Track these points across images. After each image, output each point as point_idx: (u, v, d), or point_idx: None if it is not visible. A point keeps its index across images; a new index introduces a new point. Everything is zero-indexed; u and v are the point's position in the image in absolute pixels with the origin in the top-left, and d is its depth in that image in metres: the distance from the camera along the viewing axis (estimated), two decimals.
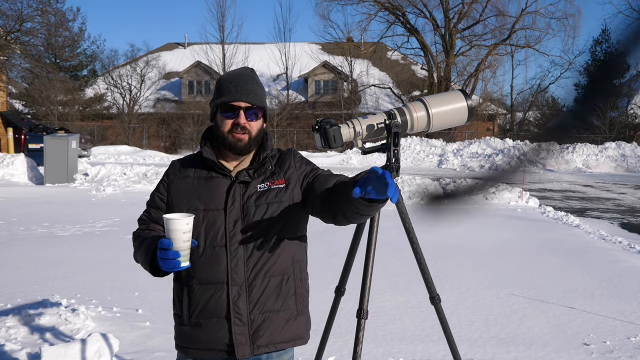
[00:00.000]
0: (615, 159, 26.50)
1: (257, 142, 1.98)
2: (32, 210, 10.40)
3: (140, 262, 1.96)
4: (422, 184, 13.33)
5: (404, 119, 2.51)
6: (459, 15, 36.91)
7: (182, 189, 1.99)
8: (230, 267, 1.89)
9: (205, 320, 1.91)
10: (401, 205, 2.57)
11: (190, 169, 2.01)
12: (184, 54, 43.11)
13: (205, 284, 1.91)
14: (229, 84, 1.96)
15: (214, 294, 1.90)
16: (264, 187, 1.96)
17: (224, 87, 1.97)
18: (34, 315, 4.42)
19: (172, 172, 2.04)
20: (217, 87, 2.00)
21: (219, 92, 1.98)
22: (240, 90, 1.95)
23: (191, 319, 1.93)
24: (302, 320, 2.00)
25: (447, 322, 2.68)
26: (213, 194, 1.94)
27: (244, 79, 1.98)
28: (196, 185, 1.97)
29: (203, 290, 1.91)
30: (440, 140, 29.65)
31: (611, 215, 12.21)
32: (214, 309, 1.90)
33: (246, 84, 1.96)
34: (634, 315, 5.01)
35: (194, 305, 1.92)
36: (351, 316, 2.57)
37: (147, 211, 2.07)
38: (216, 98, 1.97)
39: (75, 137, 15.11)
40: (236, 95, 1.94)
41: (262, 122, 2.01)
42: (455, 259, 7.10)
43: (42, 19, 22.59)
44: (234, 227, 1.91)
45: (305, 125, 33.77)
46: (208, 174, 1.98)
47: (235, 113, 1.94)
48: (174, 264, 1.75)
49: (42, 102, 32.46)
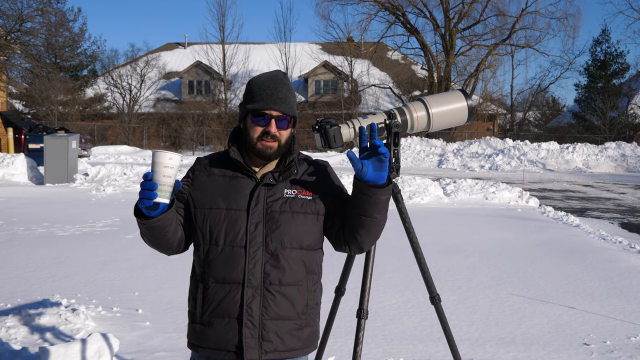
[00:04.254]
0: (615, 159, 26.50)
1: (285, 148, 1.96)
2: (32, 210, 10.40)
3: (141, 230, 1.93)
4: None
5: (404, 119, 2.51)
6: (459, 15, 36.93)
7: (206, 186, 1.96)
8: (248, 269, 1.88)
9: (217, 320, 1.90)
10: (401, 205, 2.57)
11: (216, 167, 2.00)
12: (184, 54, 43.14)
13: (221, 282, 1.90)
14: (261, 90, 1.91)
15: (228, 293, 1.89)
16: (291, 193, 1.95)
17: (256, 93, 1.92)
18: (34, 315, 4.42)
19: (198, 169, 2.01)
20: (249, 90, 1.95)
21: (250, 97, 1.93)
22: (273, 98, 1.90)
23: (204, 316, 1.92)
24: (309, 331, 2.00)
25: (447, 322, 2.68)
26: (237, 194, 1.93)
27: (277, 85, 1.93)
28: (220, 184, 1.96)
29: (218, 288, 1.90)
30: (440, 140, 29.66)
31: (611, 215, 12.22)
32: (226, 309, 1.89)
33: (279, 91, 1.92)
34: (634, 315, 5.01)
35: (208, 303, 1.91)
36: (351, 316, 2.57)
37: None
38: (247, 102, 1.94)
39: (75, 137, 15.11)
40: (268, 102, 1.90)
41: (292, 129, 1.99)
42: (455, 259, 7.10)
43: (43, 19, 22.59)
44: (255, 229, 1.90)
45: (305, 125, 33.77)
46: (233, 173, 1.96)
47: (267, 121, 1.91)
48: (149, 195, 1.72)
49: (42, 102, 32.47)
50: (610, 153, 26.83)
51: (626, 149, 27.03)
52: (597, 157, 26.85)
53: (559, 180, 21.09)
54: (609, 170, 25.63)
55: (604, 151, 27.09)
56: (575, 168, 25.95)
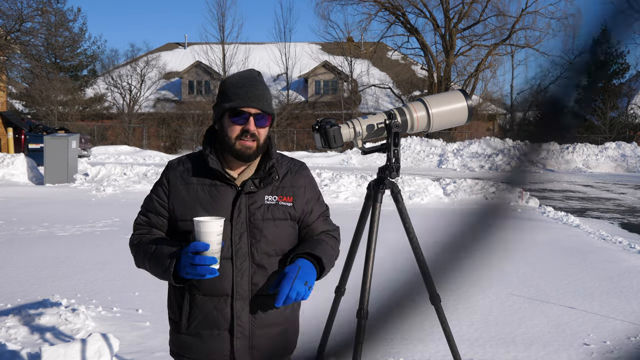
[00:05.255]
0: (615, 159, 26.49)
1: (264, 149, 1.93)
2: (32, 210, 10.40)
3: (151, 269, 1.86)
4: None
5: (404, 119, 2.51)
6: (459, 15, 36.94)
7: (185, 197, 1.89)
8: (236, 281, 1.85)
9: (205, 331, 1.87)
10: (401, 205, 2.57)
11: (193, 175, 1.92)
12: (184, 54, 43.12)
13: (208, 295, 1.86)
14: (238, 89, 1.87)
15: (217, 306, 1.85)
16: (272, 200, 1.91)
17: (232, 92, 1.88)
18: (34, 315, 4.42)
19: (173, 177, 1.93)
20: (224, 90, 1.90)
21: (226, 96, 1.88)
22: (251, 95, 1.86)
23: (190, 328, 1.88)
24: (293, 332, 2.02)
25: (447, 322, 2.68)
26: (218, 204, 1.87)
27: (254, 83, 1.89)
28: (200, 194, 1.89)
29: (206, 300, 1.86)
30: (440, 140, 29.65)
31: (611, 215, 12.22)
32: (215, 321, 1.86)
33: (257, 89, 1.88)
34: (634, 315, 5.01)
35: (195, 315, 1.88)
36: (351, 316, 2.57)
37: (144, 215, 1.96)
38: (223, 102, 1.88)
39: (75, 137, 15.11)
40: (246, 100, 1.86)
41: (269, 129, 1.96)
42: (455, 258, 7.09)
43: (43, 19, 22.59)
44: (240, 240, 1.87)
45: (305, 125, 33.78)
46: (212, 182, 1.90)
47: (245, 119, 1.86)
48: (209, 270, 1.68)
49: (42, 102, 32.47)
50: (610, 153, 26.83)
51: (626, 149, 27.03)
52: (597, 157, 26.85)
53: (559, 180, 21.08)
54: (609, 170, 25.63)
55: (604, 151, 27.08)
56: (575, 168, 25.95)
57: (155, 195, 1.95)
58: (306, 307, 4.95)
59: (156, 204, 1.93)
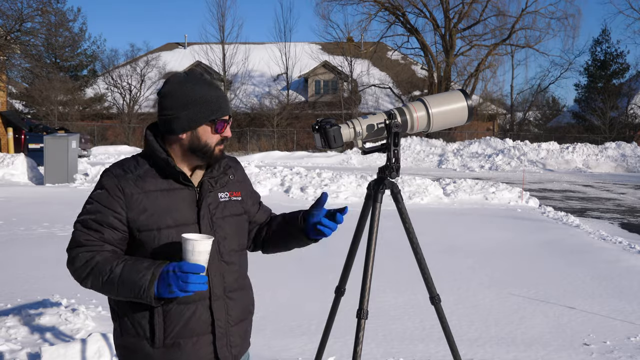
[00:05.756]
0: (615, 159, 26.49)
1: None
2: (32, 210, 10.40)
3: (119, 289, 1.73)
4: None
5: (404, 119, 2.51)
6: (459, 15, 36.92)
7: (147, 206, 1.80)
8: (213, 283, 1.84)
9: (185, 340, 1.81)
10: (401, 205, 2.57)
11: (148, 182, 1.83)
12: (184, 54, 43.12)
13: (184, 303, 1.80)
14: (217, 96, 1.86)
15: (195, 311, 1.82)
16: (224, 197, 1.93)
17: (213, 99, 1.85)
18: (34, 315, 4.42)
19: (127, 186, 1.80)
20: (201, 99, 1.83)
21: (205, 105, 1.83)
22: (226, 102, 1.90)
23: (166, 340, 1.81)
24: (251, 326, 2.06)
25: (447, 322, 2.68)
26: (181, 208, 1.83)
27: (219, 88, 1.92)
28: (161, 200, 1.81)
29: (182, 309, 1.80)
30: (440, 140, 29.66)
31: (611, 215, 12.22)
32: (194, 327, 1.82)
33: (224, 94, 1.92)
34: (634, 315, 5.01)
35: (172, 325, 1.79)
36: (351, 316, 2.57)
37: (95, 230, 1.80)
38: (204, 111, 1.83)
39: (75, 137, 15.11)
40: (226, 108, 1.88)
41: None
42: (455, 259, 7.10)
43: (43, 19, 22.59)
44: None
45: (305, 125, 33.77)
46: (169, 186, 1.84)
47: (223, 127, 1.87)
48: (201, 288, 1.68)
49: (42, 102, 32.48)
50: (610, 153, 26.82)
51: (626, 149, 27.02)
52: (597, 157, 26.84)
53: (559, 180, 21.08)
54: (609, 171, 25.62)
55: (604, 151, 27.08)
56: (575, 168, 25.94)
57: (108, 207, 1.79)
58: (306, 307, 4.96)
59: (111, 218, 1.79)
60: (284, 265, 6.26)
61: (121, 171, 1.84)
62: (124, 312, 1.84)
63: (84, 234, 1.81)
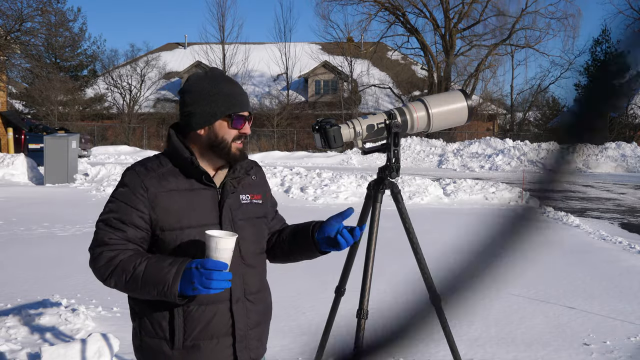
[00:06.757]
0: (615, 159, 26.49)
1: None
2: (32, 210, 10.40)
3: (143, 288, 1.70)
4: None
5: (404, 119, 2.51)
6: (459, 15, 36.92)
7: (169, 206, 1.78)
8: (233, 286, 1.81)
9: (204, 342, 1.80)
10: (401, 205, 2.57)
11: (171, 181, 1.81)
12: (184, 54, 43.12)
13: (205, 304, 1.79)
14: (234, 92, 1.85)
15: (216, 313, 1.81)
16: (246, 199, 1.91)
17: (230, 95, 1.83)
18: (34, 315, 4.42)
19: (150, 185, 1.78)
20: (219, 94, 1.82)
21: (223, 100, 1.82)
22: (245, 98, 1.87)
23: (186, 342, 1.78)
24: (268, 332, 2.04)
25: (448, 322, 2.68)
26: (203, 208, 1.82)
27: (239, 85, 1.90)
28: (183, 200, 1.80)
29: (203, 310, 1.79)
30: (440, 140, 29.64)
31: (611, 215, 12.22)
32: (215, 329, 1.81)
33: (244, 91, 1.90)
34: (634, 315, 5.01)
35: (192, 327, 1.78)
36: (351, 316, 2.57)
37: (118, 229, 1.77)
38: (221, 106, 1.82)
39: (75, 137, 15.11)
40: (245, 104, 1.85)
41: None
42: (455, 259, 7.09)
43: (43, 18, 22.60)
44: None
45: (305, 125, 33.77)
46: (191, 186, 1.82)
47: (242, 123, 1.84)
48: (224, 285, 1.63)
49: (42, 102, 32.47)
50: (610, 153, 26.83)
51: (626, 149, 27.02)
52: (597, 157, 26.84)
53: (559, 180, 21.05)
54: (609, 170, 25.62)
55: (604, 151, 27.08)
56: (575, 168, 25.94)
57: (132, 206, 1.77)
58: (306, 308, 4.96)
59: (135, 217, 1.76)
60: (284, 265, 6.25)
61: (144, 169, 1.81)
62: (143, 312, 1.81)
63: (107, 233, 1.77)
